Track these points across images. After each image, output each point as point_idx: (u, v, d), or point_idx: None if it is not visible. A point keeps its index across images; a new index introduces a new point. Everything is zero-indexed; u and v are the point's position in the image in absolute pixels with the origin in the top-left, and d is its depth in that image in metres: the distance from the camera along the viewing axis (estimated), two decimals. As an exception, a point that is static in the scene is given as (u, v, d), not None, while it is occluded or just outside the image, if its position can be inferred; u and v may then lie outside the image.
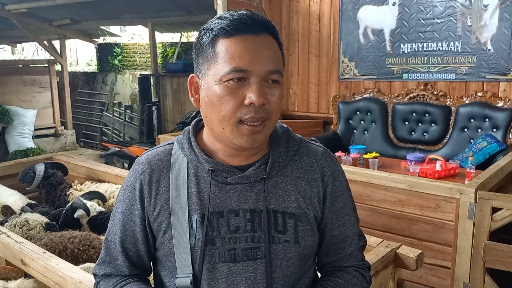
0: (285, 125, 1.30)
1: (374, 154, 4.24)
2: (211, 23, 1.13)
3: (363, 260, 1.33)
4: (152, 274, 1.33)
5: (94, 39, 11.50)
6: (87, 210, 3.08)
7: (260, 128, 1.11)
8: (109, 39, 12.20)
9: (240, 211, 1.16)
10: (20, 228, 2.85)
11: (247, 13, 1.11)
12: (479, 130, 4.55)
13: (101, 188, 3.47)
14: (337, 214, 1.27)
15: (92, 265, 2.31)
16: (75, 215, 3.06)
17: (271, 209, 1.17)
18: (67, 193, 3.50)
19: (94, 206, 3.19)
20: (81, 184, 3.63)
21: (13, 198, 3.44)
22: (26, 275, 2.45)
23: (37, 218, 3.00)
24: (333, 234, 1.27)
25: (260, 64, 1.08)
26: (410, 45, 5.05)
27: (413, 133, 5.01)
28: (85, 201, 3.16)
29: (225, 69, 1.08)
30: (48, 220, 3.05)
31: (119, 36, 12.59)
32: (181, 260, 1.16)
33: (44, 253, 2.17)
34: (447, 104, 4.83)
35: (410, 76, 5.10)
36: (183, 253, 1.15)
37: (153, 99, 9.71)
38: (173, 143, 1.28)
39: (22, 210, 3.17)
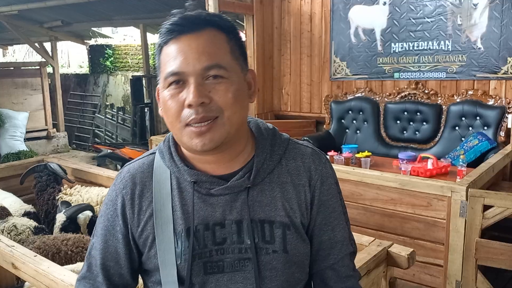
0: (270, 126, 1.24)
1: (366, 153, 4.25)
2: (161, 27, 1.11)
3: (354, 269, 1.26)
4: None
5: (85, 41, 11.47)
6: (92, 210, 3.08)
7: (206, 128, 1.05)
8: (100, 41, 12.17)
9: (226, 223, 1.13)
10: (8, 233, 2.81)
11: (181, 14, 1.08)
12: (470, 128, 4.57)
13: (92, 192, 3.43)
14: (326, 219, 1.20)
15: (81, 264, 2.30)
16: (78, 220, 3.04)
17: (257, 219, 1.13)
18: (56, 197, 3.47)
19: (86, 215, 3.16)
20: (70, 188, 3.58)
21: (8, 201, 3.41)
22: (18, 279, 2.45)
23: (25, 223, 2.96)
24: (321, 239, 1.21)
25: (194, 62, 1.04)
26: (401, 45, 5.07)
27: (404, 132, 5.03)
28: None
29: (164, 75, 1.07)
30: (37, 224, 3.02)
31: (110, 37, 12.56)
32: (166, 277, 1.13)
33: (35, 256, 2.15)
34: (438, 102, 4.85)
35: (401, 75, 5.12)
36: (168, 269, 1.13)
37: (146, 101, 9.69)
38: (155, 153, 1.23)
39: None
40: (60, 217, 3.00)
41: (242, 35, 6.74)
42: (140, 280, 1.27)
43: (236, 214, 1.13)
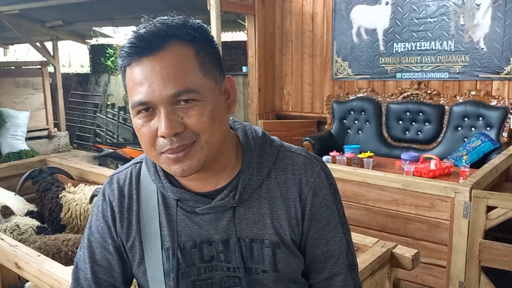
0: (260, 133, 1.15)
1: (368, 153, 4.24)
2: (120, 49, 1.01)
3: (355, 285, 1.18)
4: None
5: (86, 40, 11.46)
6: None
7: (182, 155, 0.98)
8: (101, 40, 12.17)
9: (213, 242, 1.08)
10: (11, 232, 2.81)
11: (145, 29, 0.97)
12: (473, 129, 4.56)
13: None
14: (319, 233, 1.12)
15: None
16: None
17: (245, 238, 1.07)
18: (60, 195, 3.47)
19: None
20: (74, 186, 3.60)
21: (11, 200, 3.41)
22: (21, 279, 2.44)
23: (27, 222, 2.96)
24: (314, 253, 1.13)
25: (160, 90, 0.94)
26: (403, 45, 5.07)
27: (407, 132, 5.02)
28: None
29: (132, 103, 0.98)
30: (39, 223, 3.02)
31: (111, 37, 12.55)
32: None
33: (38, 256, 2.15)
34: (440, 103, 4.84)
35: (404, 76, 5.12)
36: (157, 286, 1.10)
37: (147, 100, 9.67)
38: (141, 162, 1.18)
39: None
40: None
41: (244, 34, 6.75)
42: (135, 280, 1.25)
43: (222, 233, 1.08)
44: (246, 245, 1.08)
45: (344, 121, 5.43)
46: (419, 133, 4.93)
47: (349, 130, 5.39)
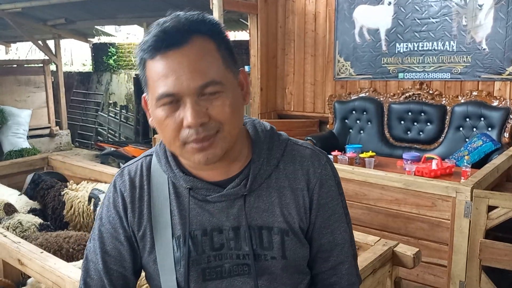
0: (268, 127, 1.20)
1: (370, 153, 4.25)
2: (141, 42, 1.04)
3: (357, 274, 1.24)
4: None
5: (89, 39, 11.47)
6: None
7: (207, 144, 1.01)
8: (104, 39, 12.18)
9: (223, 229, 1.11)
10: (14, 230, 2.82)
11: (168, 23, 1.00)
12: (475, 129, 4.57)
13: (98, 188, 3.46)
14: (325, 222, 1.17)
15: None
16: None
17: (255, 226, 1.11)
18: (62, 193, 3.49)
19: None
20: (77, 184, 3.62)
21: (14, 198, 3.43)
22: (23, 275, 2.45)
23: (30, 219, 2.98)
24: (321, 242, 1.18)
25: (187, 82, 0.97)
26: (406, 45, 5.07)
27: (408, 132, 5.03)
28: (101, 195, 3.14)
29: (156, 94, 1.00)
30: (42, 221, 3.03)
31: (114, 35, 12.57)
32: (166, 282, 1.12)
33: (41, 253, 2.16)
34: (442, 103, 4.85)
35: (406, 76, 5.12)
36: (168, 275, 1.12)
37: (149, 99, 9.67)
38: (151, 155, 1.21)
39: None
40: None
41: (246, 34, 6.76)
42: (142, 273, 1.26)
43: (233, 220, 1.11)
44: (255, 232, 1.11)
45: (346, 121, 5.44)
46: (421, 133, 4.94)
47: (351, 130, 5.40)
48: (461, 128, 4.66)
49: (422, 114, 4.92)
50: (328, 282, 1.22)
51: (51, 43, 10.22)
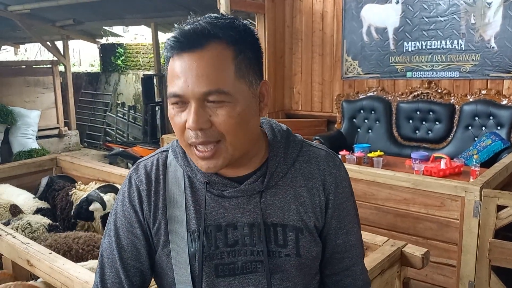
0: (284, 127, 1.22)
1: (378, 152, 4.23)
2: (166, 40, 1.06)
3: (367, 275, 1.28)
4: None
5: (97, 40, 11.53)
6: (103, 204, 3.05)
7: (209, 153, 1.03)
8: (112, 40, 12.23)
9: (238, 225, 1.11)
10: (23, 231, 2.83)
11: (189, 25, 1.02)
12: (484, 128, 4.54)
13: (96, 190, 3.47)
14: (341, 223, 1.19)
15: (92, 262, 2.31)
16: (90, 208, 3.05)
17: (270, 223, 1.12)
18: (70, 193, 3.51)
19: (111, 202, 3.13)
20: (85, 184, 3.63)
21: (22, 198, 3.45)
22: (32, 276, 2.46)
23: (39, 220, 2.99)
24: (336, 243, 1.20)
25: (193, 86, 0.99)
26: (414, 43, 5.05)
27: (417, 131, 5.01)
28: (101, 194, 3.14)
29: (168, 93, 1.03)
30: (51, 221, 3.04)
31: (122, 36, 12.61)
32: (180, 276, 1.12)
33: (50, 253, 2.17)
34: (451, 102, 4.82)
35: (414, 75, 5.10)
36: (182, 268, 1.12)
37: (157, 99, 9.70)
38: (167, 151, 1.22)
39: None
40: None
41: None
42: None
43: (248, 216, 1.12)
44: (270, 229, 1.12)
45: (354, 120, 5.42)
46: (429, 132, 4.91)
47: (359, 129, 5.38)
48: (470, 127, 4.63)
49: (431, 113, 4.90)
50: (342, 284, 1.23)
51: (59, 44, 10.27)
